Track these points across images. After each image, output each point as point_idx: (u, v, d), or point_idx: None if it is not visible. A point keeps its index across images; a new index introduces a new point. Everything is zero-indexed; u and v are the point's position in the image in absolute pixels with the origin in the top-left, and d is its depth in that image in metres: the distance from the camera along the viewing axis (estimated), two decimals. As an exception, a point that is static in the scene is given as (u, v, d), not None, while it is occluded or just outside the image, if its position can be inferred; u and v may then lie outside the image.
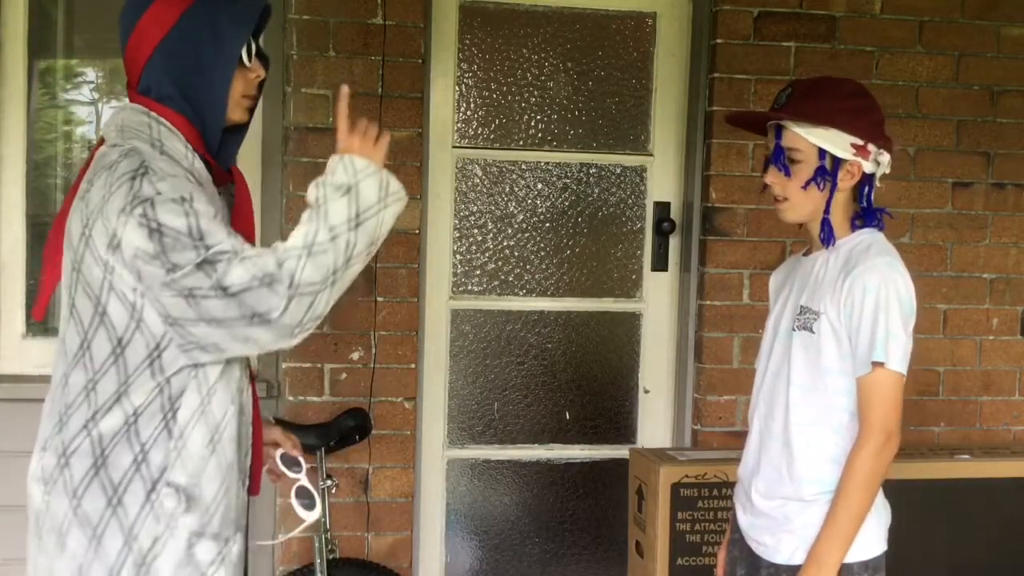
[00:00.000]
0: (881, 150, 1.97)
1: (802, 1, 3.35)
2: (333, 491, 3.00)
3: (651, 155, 3.50)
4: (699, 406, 3.39)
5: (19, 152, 3.10)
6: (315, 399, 3.14)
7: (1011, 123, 3.49)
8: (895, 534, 2.04)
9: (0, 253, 3.10)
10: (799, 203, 1.98)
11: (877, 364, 1.87)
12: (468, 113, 3.42)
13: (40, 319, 1.89)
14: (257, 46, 1.82)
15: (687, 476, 2.98)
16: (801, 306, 2.00)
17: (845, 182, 1.96)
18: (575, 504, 3.56)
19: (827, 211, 1.97)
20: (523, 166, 3.45)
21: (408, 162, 3.16)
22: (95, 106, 4.65)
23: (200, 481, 1.69)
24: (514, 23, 3.42)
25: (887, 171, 2.01)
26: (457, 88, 3.39)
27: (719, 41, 3.32)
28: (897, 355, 1.87)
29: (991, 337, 3.53)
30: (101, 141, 1.77)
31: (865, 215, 1.99)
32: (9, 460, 3.04)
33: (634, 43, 3.49)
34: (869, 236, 1.98)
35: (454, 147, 3.39)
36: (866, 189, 1.98)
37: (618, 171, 3.51)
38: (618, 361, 3.56)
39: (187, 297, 1.59)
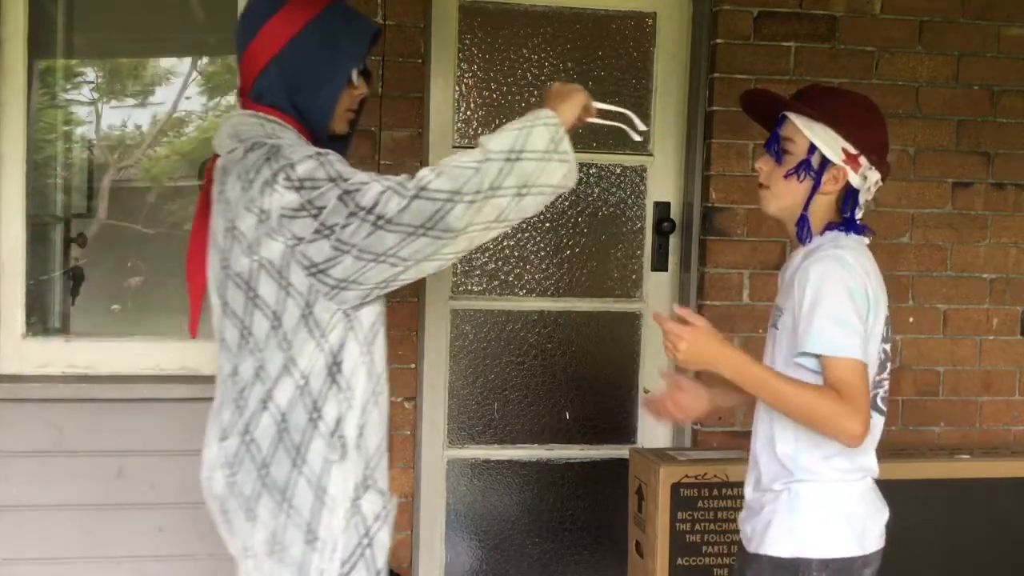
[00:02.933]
0: (872, 168, 1.97)
1: (802, 1, 3.35)
2: (333, 491, 3.00)
3: (651, 155, 3.50)
4: (699, 406, 3.38)
5: (19, 152, 3.10)
6: (315, 399, 3.14)
7: (1011, 123, 3.49)
8: (894, 534, 2.05)
9: (0, 253, 3.10)
10: (779, 193, 2.01)
11: (822, 356, 1.86)
12: (468, 113, 3.42)
13: (194, 336, 1.99)
14: (364, 64, 1.91)
15: (687, 476, 2.98)
16: (776, 304, 2.06)
17: (828, 185, 1.96)
18: (575, 504, 3.56)
19: (805, 208, 1.98)
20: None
21: (408, 162, 3.16)
22: (95, 106, 4.65)
23: (364, 432, 1.80)
24: (514, 23, 3.42)
25: (872, 193, 2.01)
26: (457, 88, 3.39)
27: (719, 41, 3.32)
28: (843, 342, 1.85)
29: (991, 337, 3.53)
30: (214, 158, 1.87)
31: (844, 226, 1.98)
32: (9, 460, 3.05)
33: (634, 43, 3.49)
34: (833, 235, 1.98)
35: (454, 147, 3.39)
36: (849, 202, 1.98)
37: (618, 171, 3.51)
38: (618, 361, 3.56)
39: (329, 236, 1.68)
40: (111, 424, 3.07)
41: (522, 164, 1.70)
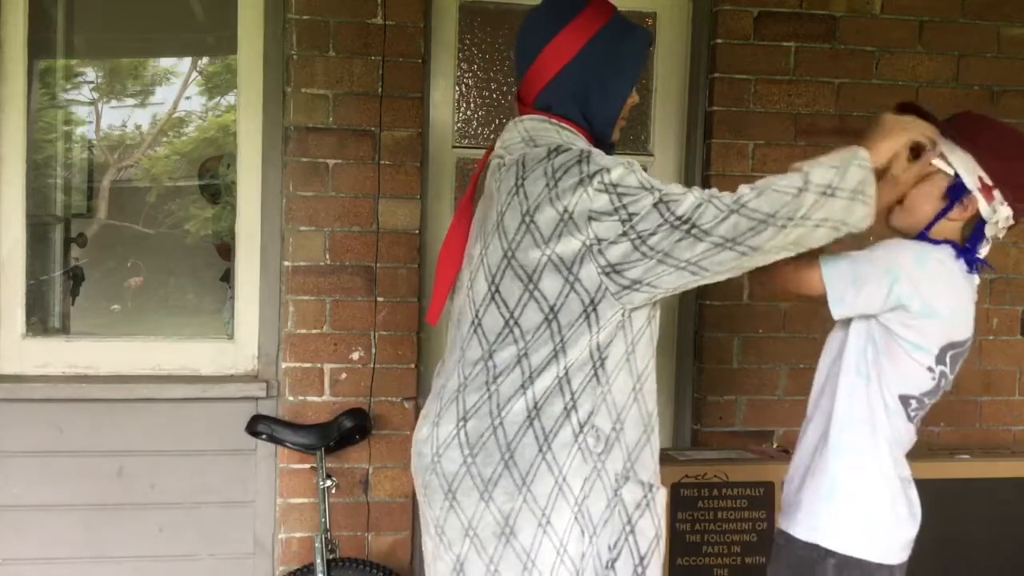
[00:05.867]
0: (1005, 203, 1.97)
1: (802, 1, 3.35)
2: (333, 491, 3.00)
3: (651, 155, 3.50)
4: (699, 406, 3.39)
5: (19, 152, 3.10)
6: (315, 399, 3.14)
7: (1011, 123, 3.48)
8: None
9: (0, 253, 3.10)
10: (912, 209, 2.00)
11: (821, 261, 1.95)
12: (468, 113, 3.42)
13: (435, 323, 2.02)
14: None
15: (687, 476, 2.98)
16: None
17: (956, 212, 1.97)
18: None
19: (928, 228, 1.98)
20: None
21: (408, 162, 3.16)
22: (95, 106, 4.66)
23: (624, 426, 1.84)
24: (514, 23, 3.41)
25: (1001, 231, 2.02)
26: (457, 88, 3.39)
27: (719, 41, 3.33)
28: (835, 259, 1.92)
29: (991, 337, 3.53)
30: (488, 152, 2.00)
31: (960, 251, 1.99)
32: (9, 460, 3.05)
33: (634, 43, 3.49)
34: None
35: (454, 147, 3.39)
36: (976, 234, 1.99)
37: (618, 171, 3.51)
38: (618, 361, 3.56)
39: (636, 240, 1.73)
40: (111, 424, 3.08)
41: (833, 200, 1.77)
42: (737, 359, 3.37)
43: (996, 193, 1.95)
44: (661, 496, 1.91)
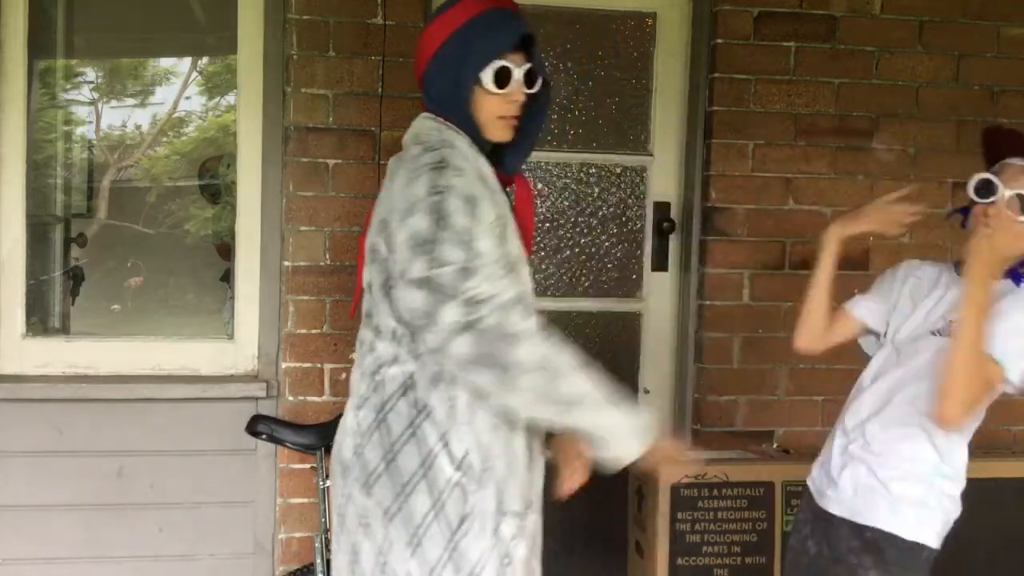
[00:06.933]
0: None
1: (802, 1, 3.35)
2: (333, 491, 3.00)
3: (651, 155, 3.50)
4: (699, 406, 3.39)
5: (19, 152, 3.10)
6: (315, 399, 3.14)
7: (1011, 123, 3.49)
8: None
9: (0, 253, 3.10)
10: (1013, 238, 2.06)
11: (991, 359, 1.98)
12: (468, 113, 3.42)
13: (353, 318, 2.01)
14: (532, 67, 1.89)
15: (687, 476, 2.98)
16: (949, 320, 2.11)
17: None
18: (575, 504, 3.54)
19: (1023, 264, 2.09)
20: (523, 166, 3.44)
21: (408, 162, 3.16)
22: (95, 106, 4.65)
23: (492, 463, 1.82)
24: (514, 23, 3.41)
25: None
26: (457, 88, 3.39)
27: (719, 41, 3.32)
28: (999, 343, 1.96)
29: (991, 337, 3.52)
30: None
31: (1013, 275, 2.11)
32: (9, 460, 3.05)
33: (634, 43, 3.49)
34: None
35: (454, 147, 3.39)
36: None
37: (618, 171, 3.51)
38: (618, 361, 3.56)
39: (425, 289, 1.70)
40: (111, 424, 3.07)
41: (566, 409, 1.84)
42: (737, 359, 3.37)
43: None
44: (533, 517, 1.96)
